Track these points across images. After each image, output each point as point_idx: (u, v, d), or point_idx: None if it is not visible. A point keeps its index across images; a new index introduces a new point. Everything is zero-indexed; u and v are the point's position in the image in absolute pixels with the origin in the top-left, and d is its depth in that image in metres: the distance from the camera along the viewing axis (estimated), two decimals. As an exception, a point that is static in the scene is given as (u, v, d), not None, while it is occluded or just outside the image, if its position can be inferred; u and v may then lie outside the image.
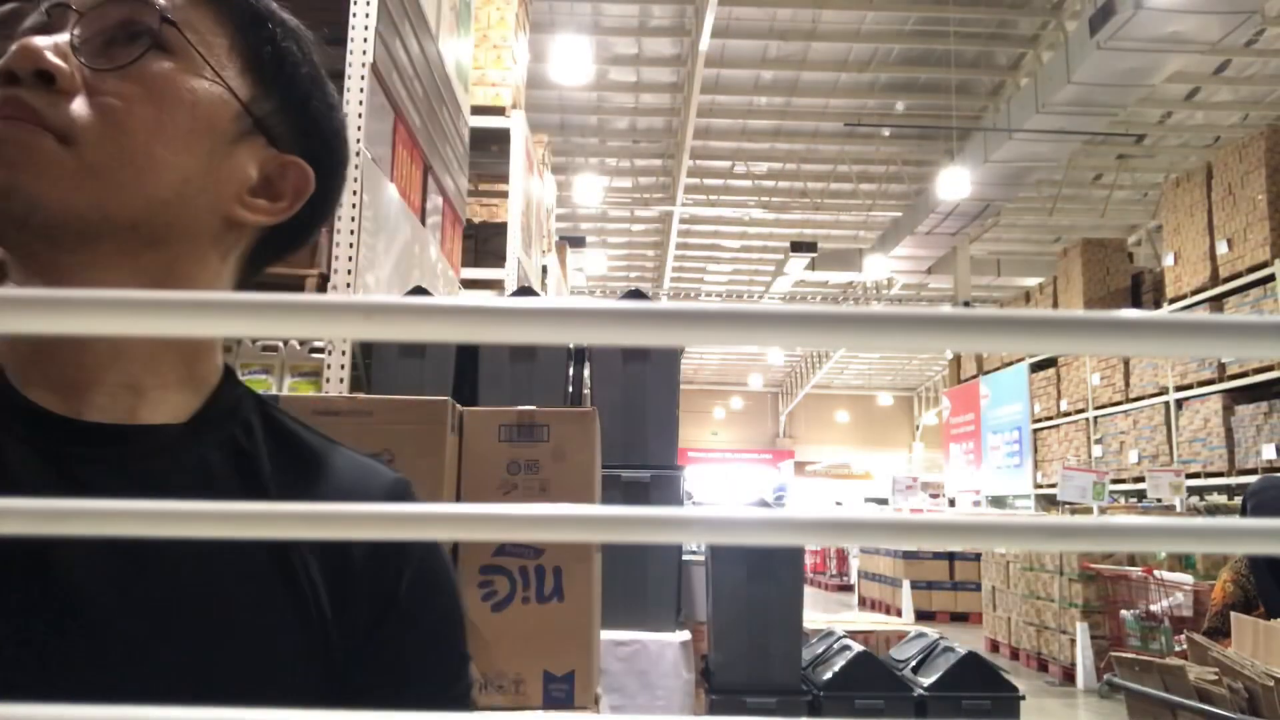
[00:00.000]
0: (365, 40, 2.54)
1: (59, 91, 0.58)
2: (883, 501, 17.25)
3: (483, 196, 6.06)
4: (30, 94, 0.57)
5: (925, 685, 3.50)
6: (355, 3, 2.52)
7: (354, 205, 2.46)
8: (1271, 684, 2.64)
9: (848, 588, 15.12)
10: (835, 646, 3.75)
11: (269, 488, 0.63)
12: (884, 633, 5.18)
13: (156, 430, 0.61)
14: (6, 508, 0.22)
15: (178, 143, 0.60)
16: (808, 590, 15.38)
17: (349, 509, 0.23)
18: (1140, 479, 9.23)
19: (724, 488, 23.03)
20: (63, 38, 0.59)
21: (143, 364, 0.61)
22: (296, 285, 2.53)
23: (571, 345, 2.72)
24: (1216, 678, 2.90)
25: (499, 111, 5.10)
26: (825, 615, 6.62)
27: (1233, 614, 3.89)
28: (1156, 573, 6.30)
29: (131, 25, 0.59)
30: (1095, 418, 11.29)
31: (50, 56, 0.57)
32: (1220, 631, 2.96)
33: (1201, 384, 9.17)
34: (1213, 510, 8.20)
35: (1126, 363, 10.59)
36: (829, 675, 3.48)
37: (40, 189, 0.55)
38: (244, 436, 0.65)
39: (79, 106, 0.57)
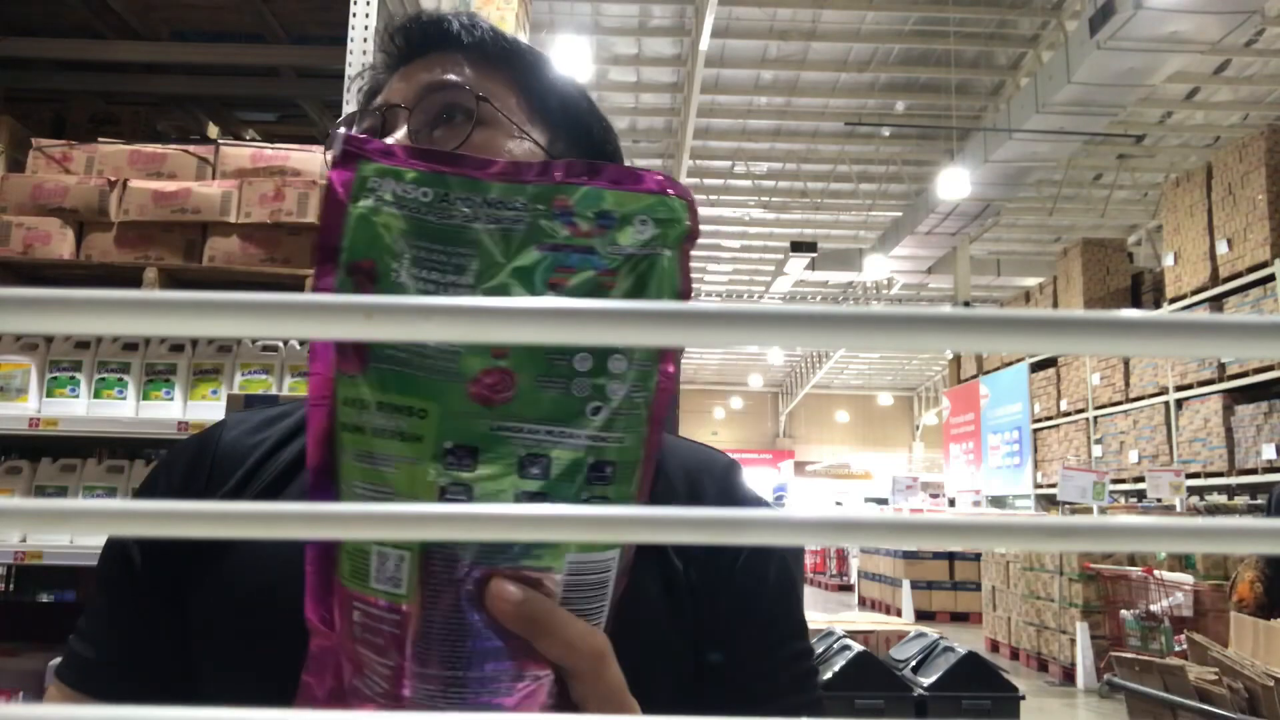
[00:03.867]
0: (365, 40, 2.54)
1: None
2: (883, 501, 17.24)
3: (483, 196, 6.06)
4: None
5: (925, 685, 3.51)
6: (355, 3, 2.52)
7: (354, 205, 2.45)
8: (1271, 684, 2.65)
9: (848, 588, 15.12)
10: (835, 646, 3.75)
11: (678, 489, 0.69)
12: (884, 633, 5.18)
13: None
14: (7, 508, 0.22)
15: None
16: (808, 590, 15.39)
17: (359, 509, 0.23)
18: (1140, 479, 9.23)
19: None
20: (401, 132, 0.65)
21: None
22: (296, 285, 2.53)
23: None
24: (1216, 678, 2.90)
25: (499, 111, 5.10)
26: (825, 615, 6.62)
27: (1233, 615, 3.90)
28: (1156, 573, 6.30)
29: (452, 108, 0.66)
30: (1095, 418, 11.30)
31: None
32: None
33: (1201, 384, 9.17)
34: (1213, 510, 8.20)
35: (1126, 363, 10.59)
36: (829, 675, 3.48)
37: None
38: None
39: None
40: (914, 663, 3.70)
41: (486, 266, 0.41)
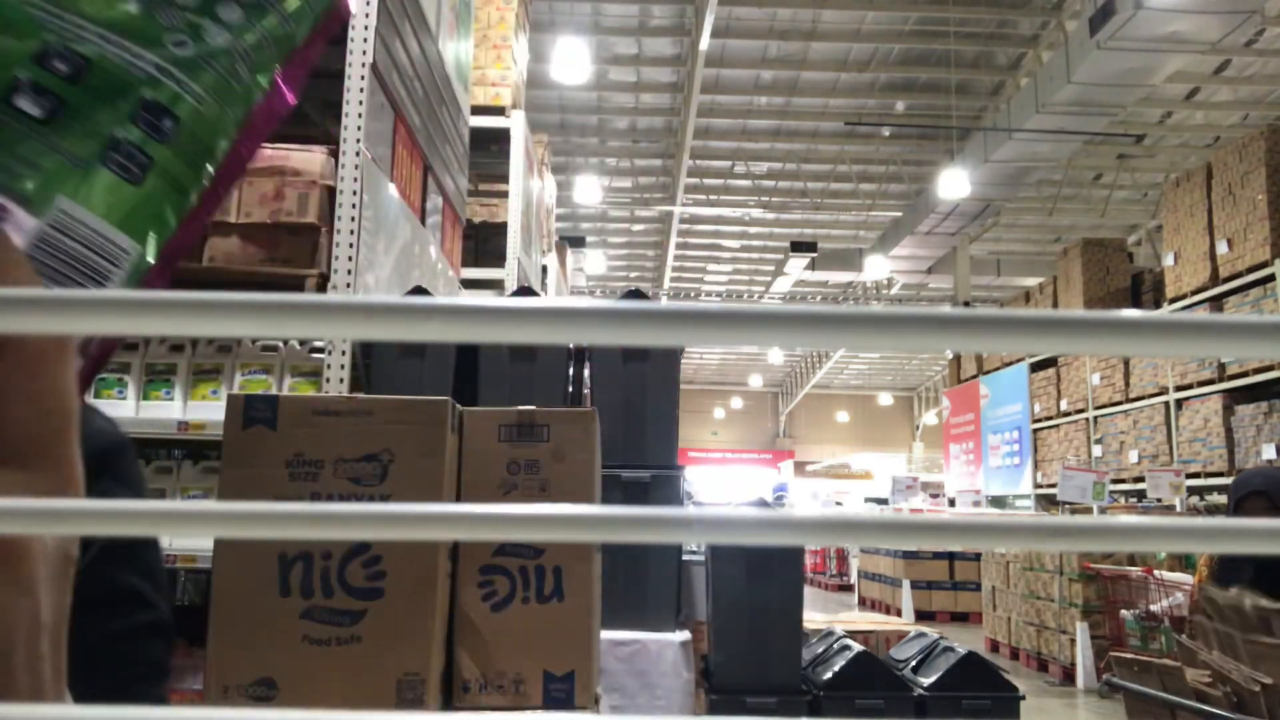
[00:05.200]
0: (365, 40, 2.54)
1: None
2: (883, 501, 17.24)
3: (483, 196, 6.06)
4: None
5: (925, 685, 3.50)
6: (355, 3, 2.52)
7: (354, 205, 2.46)
8: (1258, 689, 2.65)
9: (848, 588, 15.12)
10: (835, 646, 3.75)
11: None
12: (884, 633, 5.18)
13: None
14: (7, 508, 0.22)
15: None
16: (808, 590, 15.39)
17: (347, 509, 0.23)
18: (1140, 479, 9.23)
19: (724, 487, 23.03)
20: None
21: None
22: (296, 285, 2.53)
23: (571, 345, 2.72)
24: (1211, 680, 2.90)
25: (499, 111, 5.10)
26: (825, 615, 6.62)
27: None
28: (1156, 573, 6.29)
29: None
30: (1095, 418, 11.29)
31: None
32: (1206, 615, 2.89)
33: (1201, 384, 9.17)
34: (1213, 510, 8.20)
35: (1126, 363, 10.59)
36: (829, 675, 3.47)
37: None
38: None
39: None
40: (914, 663, 3.69)
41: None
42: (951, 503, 14.64)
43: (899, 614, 10.83)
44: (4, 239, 0.32)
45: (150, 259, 0.35)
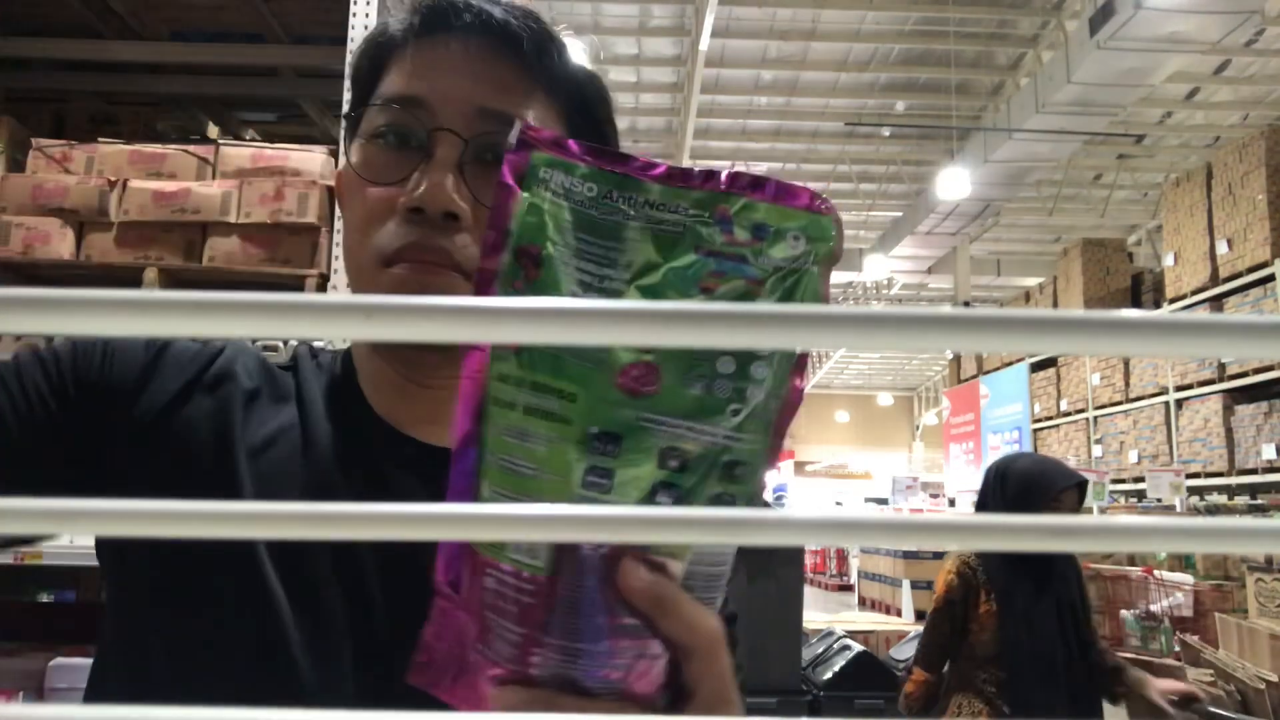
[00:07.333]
0: (365, 40, 2.54)
1: (460, 229, 0.62)
2: (883, 501, 17.25)
3: (483, 196, 6.06)
4: (440, 236, 0.62)
5: (925, 685, 3.50)
6: (355, 2, 2.52)
7: (354, 205, 2.45)
8: (1263, 686, 2.65)
9: (848, 588, 15.11)
10: (835, 646, 3.75)
11: None
12: (884, 633, 5.19)
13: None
14: (7, 508, 0.22)
15: None
16: (808, 590, 15.37)
17: (346, 509, 0.23)
18: (1140, 479, 9.23)
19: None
20: (449, 178, 0.62)
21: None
22: (296, 285, 2.53)
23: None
24: (1213, 679, 2.90)
25: (499, 111, 5.10)
26: (825, 615, 6.62)
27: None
28: (1156, 573, 6.29)
29: (498, 148, 0.60)
30: (1095, 418, 11.30)
31: (456, 199, 0.62)
32: (941, 630, 2.60)
33: (1201, 384, 9.17)
34: (1213, 510, 8.20)
35: (1126, 363, 10.59)
36: (829, 675, 3.48)
37: None
38: None
39: (472, 241, 0.62)
40: (914, 663, 3.69)
41: (643, 264, 0.42)
42: (951, 503, 14.64)
43: (899, 614, 10.82)
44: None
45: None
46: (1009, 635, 2.48)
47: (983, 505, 2.74)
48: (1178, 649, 4.59)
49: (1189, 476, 8.45)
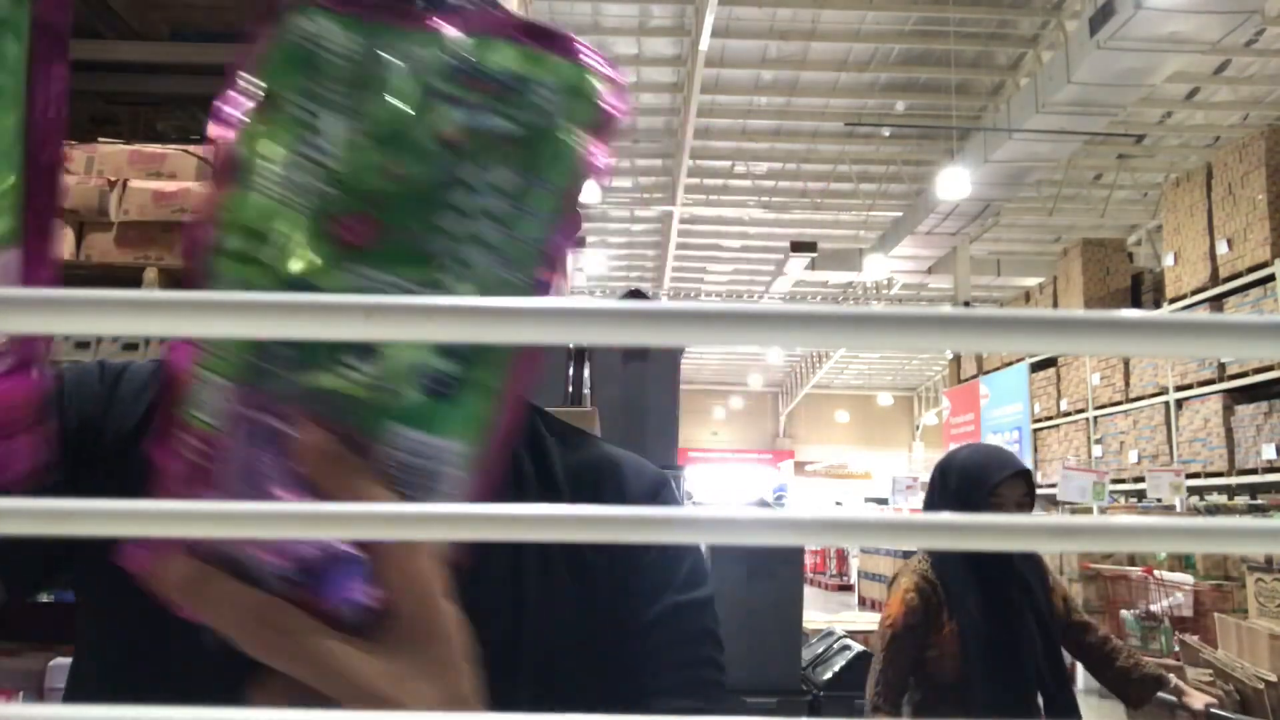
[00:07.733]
0: (365, 40, 2.54)
1: None
2: (883, 501, 17.24)
3: (483, 196, 6.06)
4: None
5: (925, 685, 3.50)
6: (355, 3, 2.52)
7: (354, 205, 2.45)
8: (1262, 686, 2.65)
9: (848, 588, 15.11)
10: (835, 646, 3.76)
11: (562, 489, 0.66)
12: (884, 633, 5.17)
13: None
14: (7, 508, 0.22)
15: None
16: (808, 590, 15.37)
17: (345, 509, 0.23)
18: (1140, 479, 9.23)
19: (724, 487, 23.03)
20: None
21: None
22: (296, 285, 2.53)
23: (571, 345, 2.72)
24: (1212, 679, 2.91)
25: (499, 111, 5.10)
26: (825, 615, 6.62)
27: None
28: (1156, 573, 6.30)
29: None
30: (1095, 418, 11.29)
31: None
32: (903, 659, 2.28)
33: (1201, 384, 9.17)
34: (1213, 510, 8.20)
35: (1126, 363, 10.59)
36: (829, 675, 3.48)
37: None
38: (534, 439, 0.67)
39: None
40: (914, 663, 3.70)
41: (384, 113, 0.39)
42: (951, 503, 14.61)
43: (899, 614, 10.81)
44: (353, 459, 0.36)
45: (478, 446, 0.40)
46: (974, 657, 2.18)
47: (930, 504, 2.44)
48: (1177, 649, 4.59)
49: (1189, 476, 8.45)
